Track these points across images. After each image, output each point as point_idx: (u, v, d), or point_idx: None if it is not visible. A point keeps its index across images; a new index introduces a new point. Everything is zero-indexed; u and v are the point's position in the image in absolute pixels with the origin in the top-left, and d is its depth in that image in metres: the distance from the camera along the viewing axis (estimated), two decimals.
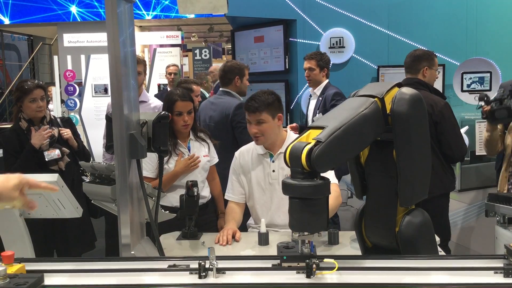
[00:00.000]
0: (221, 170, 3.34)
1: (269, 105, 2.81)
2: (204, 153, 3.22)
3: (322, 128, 1.71)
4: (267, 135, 2.83)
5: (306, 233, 1.60)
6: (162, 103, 4.52)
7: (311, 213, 1.61)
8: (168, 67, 7.75)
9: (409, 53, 3.93)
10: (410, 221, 1.80)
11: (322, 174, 1.65)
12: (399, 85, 1.85)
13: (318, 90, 4.36)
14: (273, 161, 2.89)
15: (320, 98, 4.29)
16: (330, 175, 2.88)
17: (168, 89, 7.53)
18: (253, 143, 3.02)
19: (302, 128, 4.16)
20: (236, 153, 3.06)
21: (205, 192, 3.21)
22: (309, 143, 1.65)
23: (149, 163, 2.99)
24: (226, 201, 3.41)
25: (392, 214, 1.84)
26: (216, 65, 8.24)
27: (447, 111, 3.64)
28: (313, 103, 4.46)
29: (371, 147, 1.91)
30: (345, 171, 4.02)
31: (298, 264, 1.53)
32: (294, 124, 4.48)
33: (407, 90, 1.80)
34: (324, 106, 4.18)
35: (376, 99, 1.80)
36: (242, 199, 2.98)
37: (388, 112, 1.79)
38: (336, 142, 1.65)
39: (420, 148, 1.81)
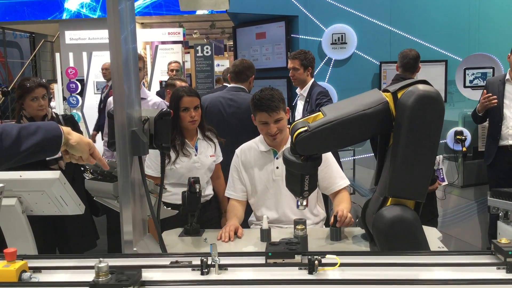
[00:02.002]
0: None
1: (282, 100, 2.82)
2: (210, 153, 3.20)
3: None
4: (283, 130, 2.85)
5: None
6: (161, 100, 4.52)
7: (291, 179, 2.06)
8: (169, 64, 7.74)
9: (406, 54, 4.25)
10: (382, 214, 1.83)
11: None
12: (424, 82, 1.86)
13: (305, 91, 4.30)
14: (277, 158, 2.88)
15: (308, 100, 4.25)
16: (342, 175, 2.92)
17: None
18: (254, 140, 3.00)
19: None
20: (237, 151, 3.04)
21: (208, 190, 3.20)
22: (305, 126, 1.90)
23: (154, 162, 2.99)
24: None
25: (381, 203, 1.88)
26: (108, 63, 8.07)
27: None
28: (300, 104, 4.43)
29: None
30: None
31: (284, 260, 1.54)
32: None
33: (424, 87, 1.81)
34: (311, 107, 4.15)
35: (388, 94, 1.83)
36: (243, 197, 2.97)
37: None
38: (321, 134, 1.88)
39: (417, 145, 1.81)
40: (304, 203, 2.16)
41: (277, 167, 2.86)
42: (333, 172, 2.88)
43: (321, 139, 1.87)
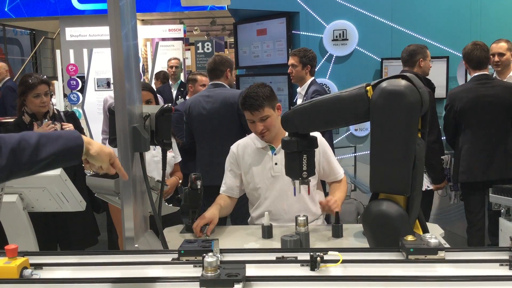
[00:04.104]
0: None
1: (268, 97, 2.77)
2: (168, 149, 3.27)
3: None
4: (272, 128, 2.80)
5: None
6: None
7: (289, 161, 2.17)
8: (169, 60, 7.73)
9: (404, 49, 4.31)
10: (369, 208, 1.86)
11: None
12: (404, 77, 1.85)
13: (303, 89, 4.31)
14: (275, 154, 2.86)
15: (305, 98, 4.26)
16: (339, 166, 2.96)
17: (170, 82, 7.51)
18: (250, 136, 2.98)
19: None
20: (233, 147, 2.99)
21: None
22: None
23: None
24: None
25: (371, 199, 1.91)
26: (3, 63, 8.23)
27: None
28: (299, 102, 4.44)
29: None
30: None
31: (196, 258, 1.55)
32: None
33: (391, 82, 1.82)
34: None
35: (369, 87, 1.86)
36: (233, 194, 2.93)
37: None
38: (301, 112, 2.05)
39: (386, 140, 1.84)
40: (302, 188, 2.27)
41: (276, 163, 2.83)
42: (333, 162, 2.94)
43: (299, 117, 2.05)
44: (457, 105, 4.01)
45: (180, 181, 3.42)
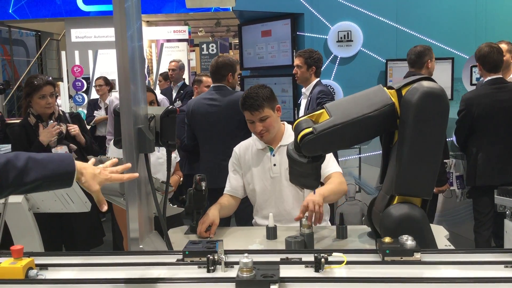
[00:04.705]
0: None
1: (268, 98, 2.79)
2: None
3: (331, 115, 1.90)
4: (271, 129, 2.81)
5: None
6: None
7: (294, 171, 2.10)
8: (169, 63, 7.75)
9: (410, 51, 4.28)
10: (390, 213, 1.84)
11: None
12: (428, 78, 1.85)
13: (308, 90, 4.32)
14: (273, 155, 2.86)
15: (309, 98, 4.26)
16: (333, 163, 2.87)
17: (172, 84, 7.54)
18: (252, 138, 2.99)
19: None
20: (236, 149, 3.01)
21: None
22: (310, 127, 1.90)
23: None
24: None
25: (388, 202, 1.87)
26: None
27: None
28: (303, 103, 4.44)
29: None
30: None
31: (200, 259, 1.56)
32: None
33: (428, 84, 1.80)
34: (312, 106, 4.15)
35: (392, 91, 1.82)
36: (237, 194, 2.94)
37: None
38: (328, 136, 1.89)
39: (422, 142, 1.81)
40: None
41: (274, 164, 2.84)
42: (328, 158, 2.78)
43: (327, 142, 1.91)
44: (475, 111, 3.96)
45: (182, 179, 3.42)
